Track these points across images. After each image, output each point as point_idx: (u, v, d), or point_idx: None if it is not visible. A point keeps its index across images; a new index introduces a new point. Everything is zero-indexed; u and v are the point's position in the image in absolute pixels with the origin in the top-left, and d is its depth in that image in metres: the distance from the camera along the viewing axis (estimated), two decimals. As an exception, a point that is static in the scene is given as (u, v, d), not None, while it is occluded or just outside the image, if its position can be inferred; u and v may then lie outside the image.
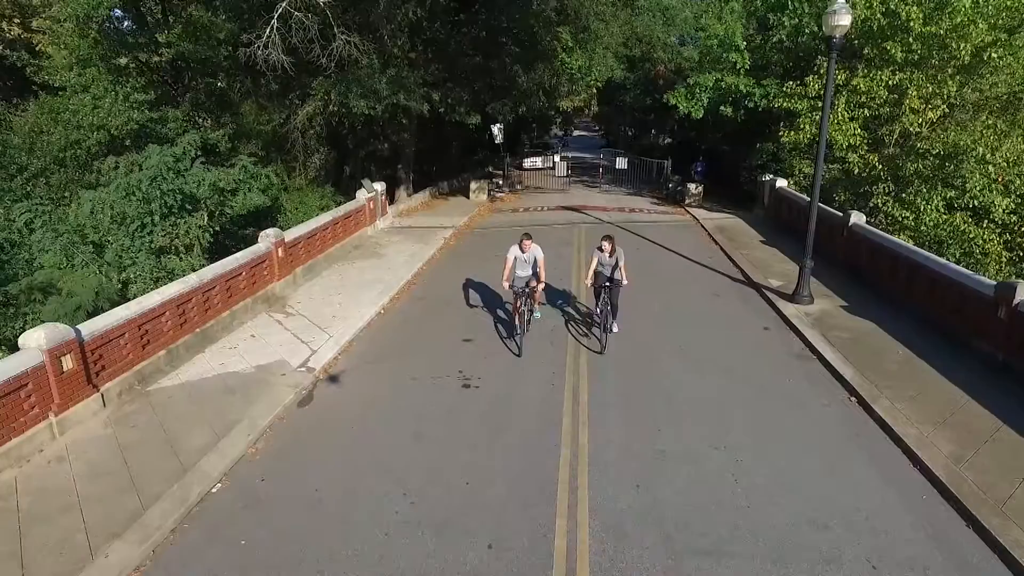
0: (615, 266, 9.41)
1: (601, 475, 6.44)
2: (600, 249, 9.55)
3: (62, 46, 14.77)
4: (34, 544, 5.41)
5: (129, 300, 8.59)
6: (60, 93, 14.60)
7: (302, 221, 14.41)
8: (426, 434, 7.32)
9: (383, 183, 18.54)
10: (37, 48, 17.83)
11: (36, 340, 6.84)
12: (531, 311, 10.14)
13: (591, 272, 9.64)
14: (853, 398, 8.12)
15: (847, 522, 5.71)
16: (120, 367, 8.09)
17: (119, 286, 9.50)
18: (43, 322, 7.42)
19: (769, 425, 7.45)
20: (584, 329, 10.44)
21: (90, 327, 7.63)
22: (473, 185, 24.64)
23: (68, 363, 7.17)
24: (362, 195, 17.04)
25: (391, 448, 7.06)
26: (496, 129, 28.93)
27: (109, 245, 10.04)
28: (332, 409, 8.09)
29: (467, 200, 24.16)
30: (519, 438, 7.19)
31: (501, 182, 27.48)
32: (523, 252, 9.64)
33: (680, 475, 6.45)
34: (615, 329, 9.88)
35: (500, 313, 11.15)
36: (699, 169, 26.71)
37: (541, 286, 9.79)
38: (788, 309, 11.23)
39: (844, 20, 10.27)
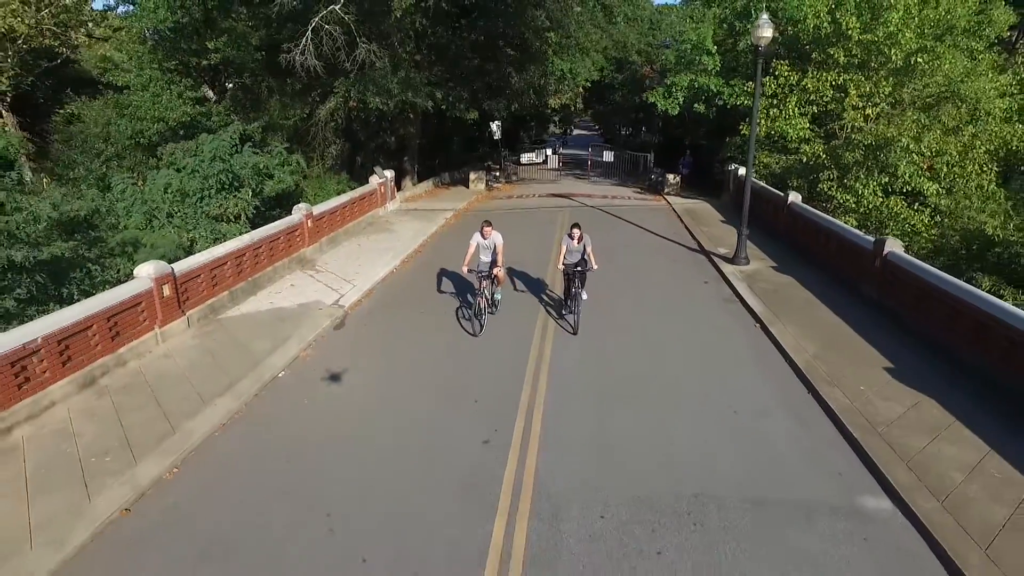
0: (583, 251, 10.11)
1: (557, 364, 8.93)
2: (569, 236, 10.23)
3: (124, 52, 17.24)
4: (165, 399, 7.92)
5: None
6: (124, 91, 17.11)
7: (323, 202, 16.90)
8: (429, 344, 9.81)
9: (392, 171, 21.04)
10: (100, 53, 20.31)
11: (147, 271, 9.36)
12: (493, 294, 10.71)
13: (561, 257, 10.28)
14: (758, 325, 10.60)
15: (727, 388, 8.21)
16: (198, 300, 10.60)
17: (188, 244, 11.97)
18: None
19: (689, 338, 9.94)
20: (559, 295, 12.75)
21: (179, 266, 10.13)
22: (472, 176, 27.08)
23: (167, 291, 9.68)
24: (374, 180, 19.55)
25: (404, 351, 9.57)
26: (495, 126, 31.48)
27: (176, 213, 12.54)
28: (359, 330, 10.62)
29: (467, 189, 26.61)
30: (500, 345, 9.67)
31: (498, 173, 29.95)
32: (484, 238, 10.18)
33: (616, 365, 8.93)
34: (584, 296, 10.38)
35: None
36: (685, 163, 29.00)
37: (500, 270, 10.37)
38: (727, 268, 13.70)
39: (767, 33, 12.73)
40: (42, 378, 7.54)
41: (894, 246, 10.77)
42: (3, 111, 27.08)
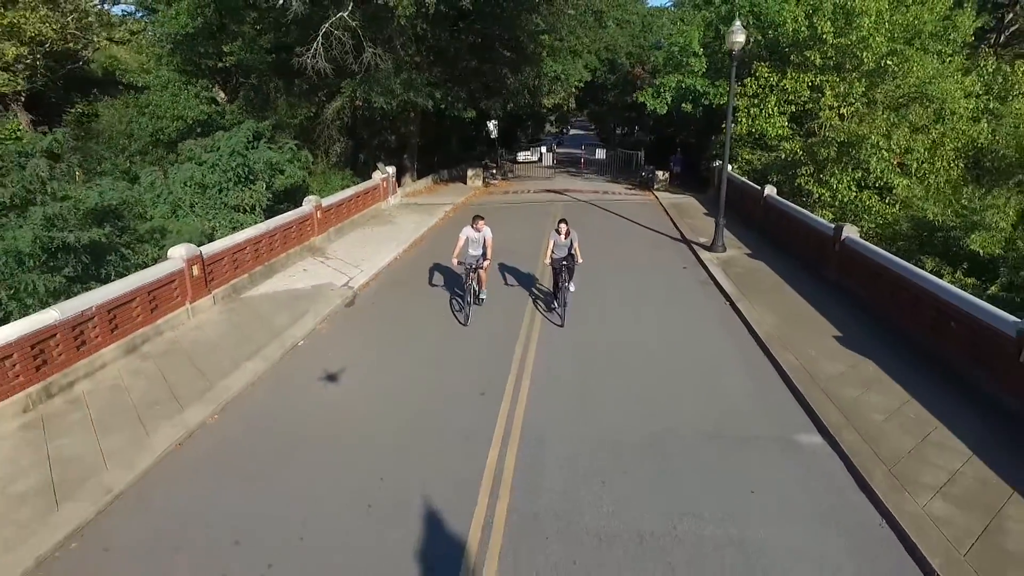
0: (570, 246, 10.43)
1: (546, 335, 10.06)
2: (557, 231, 10.54)
3: (144, 54, 18.35)
4: (200, 362, 9.04)
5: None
6: (144, 91, 18.20)
7: (330, 195, 18.01)
8: (431, 320, 10.93)
9: (393, 168, 22.16)
10: (107, 55, 21.42)
11: (179, 252, 10.47)
12: (479, 292, 11.15)
13: (549, 252, 10.64)
14: (728, 302, 11.75)
15: (695, 354, 9.37)
16: (222, 280, 11.71)
17: (209, 232, 13.06)
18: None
19: (666, 314, 11.10)
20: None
21: (206, 249, 11.24)
22: (470, 172, 28.23)
23: (196, 271, 10.79)
24: (377, 176, 20.66)
25: (408, 325, 10.70)
26: (491, 125, 32.61)
27: (197, 204, 13.63)
28: (368, 308, 11.75)
29: (464, 185, 27.75)
30: (493, 322, 10.80)
31: (495, 171, 31.07)
32: (476, 232, 10.55)
33: (598, 336, 10.07)
34: (572, 288, 10.75)
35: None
36: (676, 161, 30.16)
37: (487, 263, 10.82)
38: (705, 255, 14.86)
39: (739, 38, 13.88)
40: (95, 342, 8.65)
41: (850, 232, 11.94)
42: (18, 110, 28.21)
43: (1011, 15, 31.39)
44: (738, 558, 5.27)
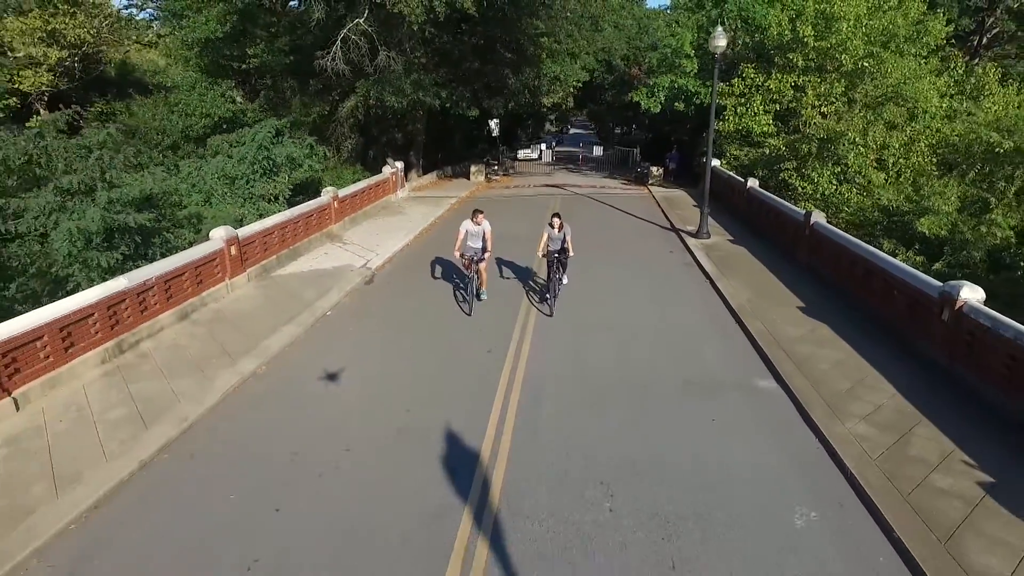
0: (563, 239, 10.88)
1: (545, 309, 11.41)
2: (551, 225, 10.91)
3: (171, 56, 19.68)
4: (243, 327, 10.39)
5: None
6: (174, 91, 19.59)
7: (346, 187, 19.35)
8: (441, 296, 12.27)
9: (401, 163, 23.51)
10: (148, 57, 22.85)
11: (220, 234, 11.81)
12: (479, 289, 11.50)
13: (543, 245, 11.05)
14: (708, 281, 13.10)
15: (675, 322, 10.72)
16: (254, 260, 13.06)
17: (239, 219, 14.39)
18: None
19: (652, 290, 12.45)
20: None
21: (241, 232, 12.59)
22: (473, 168, 29.57)
23: (233, 251, 12.14)
24: (387, 170, 22.01)
25: (422, 299, 12.04)
26: (493, 124, 33.94)
27: (227, 193, 14.98)
28: (385, 285, 13.10)
29: (468, 180, 29.08)
30: (497, 301, 12.14)
31: (497, 167, 32.44)
32: (476, 226, 10.86)
33: (590, 309, 11.41)
34: (565, 281, 11.40)
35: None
36: (672, 158, 31.39)
37: (488, 255, 11.15)
38: (691, 241, 16.21)
39: (721, 42, 15.20)
40: (155, 308, 10.00)
41: (818, 218, 13.28)
42: (40, 108, 29.59)
43: (992, 19, 32.71)
44: (694, 466, 6.62)
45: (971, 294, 8.08)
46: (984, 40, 33.86)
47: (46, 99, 28.96)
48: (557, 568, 5.18)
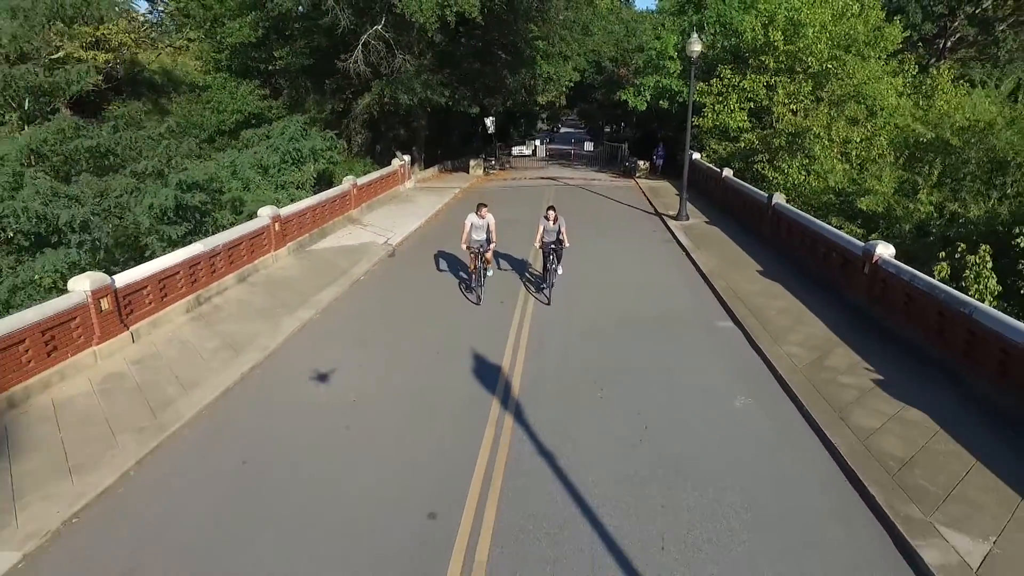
0: (558, 231, 11.52)
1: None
2: (546, 217, 11.53)
3: (203, 58, 21.52)
4: (294, 287, 12.38)
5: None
6: (207, 90, 21.50)
7: (363, 176, 21.33)
8: (454, 265, 14.32)
9: (408, 156, 25.52)
10: (179, 58, 24.75)
11: (267, 211, 13.79)
12: (485, 270, 11.90)
13: (539, 236, 11.65)
14: (684, 253, 15.24)
15: (654, 282, 12.84)
16: (291, 236, 15.03)
17: (274, 202, 16.32)
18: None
19: (635, 260, 14.57)
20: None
21: (283, 211, 14.56)
22: (472, 163, 31.60)
23: (277, 227, 14.11)
24: (396, 162, 24.00)
25: (435, 268, 14.09)
26: (489, 122, 35.99)
27: (262, 181, 16.93)
28: (405, 258, 15.14)
29: (467, 174, 31.12)
30: (502, 276, 14.20)
31: (494, 161, 34.48)
32: (481, 219, 11.32)
33: (583, 276, 13.50)
34: (559, 271, 11.99)
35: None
36: (659, 154, 33.54)
37: (492, 246, 11.58)
38: (671, 223, 18.36)
39: (696, 47, 17.33)
40: (221, 270, 11.97)
41: (779, 199, 15.45)
42: (62, 107, 31.27)
43: (955, 23, 35.15)
44: (663, 377, 8.71)
45: (884, 250, 10.24)
46: (948, 44, 36.31)
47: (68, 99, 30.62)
48: (561, 428, 7.26)
